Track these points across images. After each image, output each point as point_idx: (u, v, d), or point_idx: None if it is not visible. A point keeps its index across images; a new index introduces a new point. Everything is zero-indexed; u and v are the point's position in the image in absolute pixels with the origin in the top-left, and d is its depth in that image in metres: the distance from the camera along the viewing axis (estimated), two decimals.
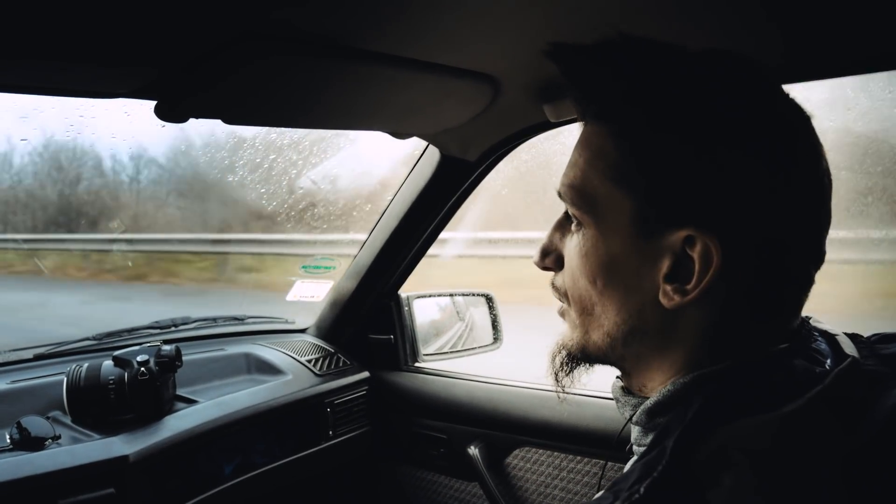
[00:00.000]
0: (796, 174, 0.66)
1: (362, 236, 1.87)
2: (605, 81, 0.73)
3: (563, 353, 0.80)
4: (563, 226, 0.78)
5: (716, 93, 0.68)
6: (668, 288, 0.68)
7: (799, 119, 0.69)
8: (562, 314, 0.81)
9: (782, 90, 0.70)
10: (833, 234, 0.70)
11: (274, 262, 5.48)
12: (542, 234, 0.81)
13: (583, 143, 0.75)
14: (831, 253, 0.71)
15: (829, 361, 0.66)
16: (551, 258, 0.80)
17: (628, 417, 0.77)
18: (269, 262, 5.61)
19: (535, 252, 0.81)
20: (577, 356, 0.80)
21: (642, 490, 0.58)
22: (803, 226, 0.67)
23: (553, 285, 0.81)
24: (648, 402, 0.72)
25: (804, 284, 0.70)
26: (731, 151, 0.66)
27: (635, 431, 0.76)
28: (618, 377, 0.81)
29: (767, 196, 0.65)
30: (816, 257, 0.69)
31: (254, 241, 5.54)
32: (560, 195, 0.76)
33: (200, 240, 6.10)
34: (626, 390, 0.79)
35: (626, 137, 0.70)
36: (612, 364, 0.78)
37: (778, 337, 0.69)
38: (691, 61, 0.70)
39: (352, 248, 1.93)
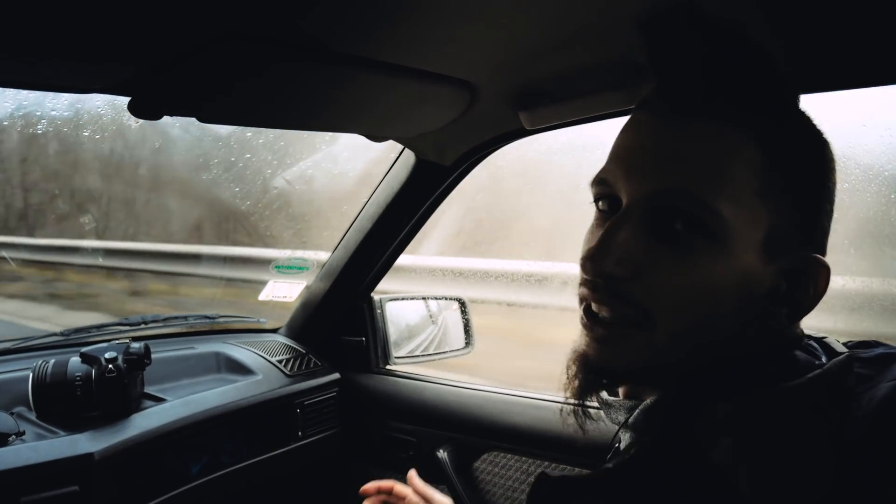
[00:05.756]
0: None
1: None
2: (755, 81, 0.65)
3: (596, 371, 0.69)
4: (649, 230, 0.65)
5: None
6: (783, 312, 0.67)
7: None
8: (607, 334, 0.67)
9: None
10: None
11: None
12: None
13: (701, 141, 0.64)
14: None
15: (823, 357, 0.67)
16: (629, 268, 0.65)
17: (623, 421, 0.73)
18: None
19: (593, 253, 0.65)
20: (622, 375, 0.70)
21: (633, 451, 0.60)
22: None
23: (613, 295, 0.66)
24: (648, 401, 0.70)
25: None
26: (834, 174, 0.69)
27: (626, 438, 0.74)
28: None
29: (831, 217, 0.69)
30: None
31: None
32: (653, 197, 0.64)
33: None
34: (616, 393, 0.76)
35: (769, 147, 0.63)
36: (657, 382, 0.70)
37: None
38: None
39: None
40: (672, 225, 0.63)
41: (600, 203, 0.71)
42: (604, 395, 0.75)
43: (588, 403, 0.72)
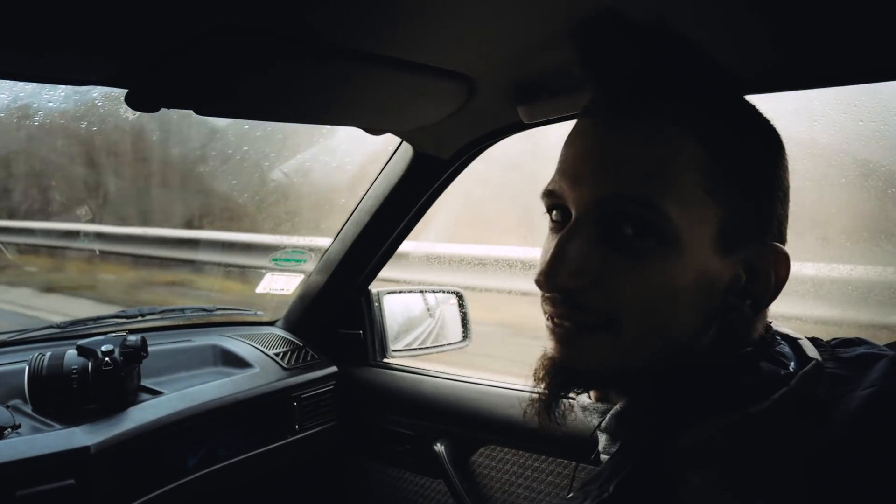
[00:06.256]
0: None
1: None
2: (691, 78, 0.66)
3: (563, 375, 0.69)
4: (600, 238, 0.65)
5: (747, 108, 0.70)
6: (746, 304, 0.67)
7: None
8: (571, 336, 0.68)
9: None
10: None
11: None
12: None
13: (642, 143, 0.64)
14: None
15: (792, 364, 0.66)
16: (585, 279, 0.64)
17: (596, 425, 0.75)
18: None
19: (547, 269, 0.65)
20: (587, 380, 0.71)
21: (611, 489, 0.58)
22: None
23: (574, 307, 0.66)
24: (618, 407, 0.71)
25: None
26: (784, 161, 0.69)
27: (603, 440, 0.74)
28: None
29: (786, 204, 0.69)
30: None
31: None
32: (599, 204, 0.64)
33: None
34: (589, 396, 0.76)
35: (711, 142, 0.63)
36: (624, 387, 0.71)
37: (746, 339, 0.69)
38: None
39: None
40: (621, 230, 0.64)
41: (553, 213, 0.71)
42: (582, 398, 0.76)
43: (561, 401, 0.73)
